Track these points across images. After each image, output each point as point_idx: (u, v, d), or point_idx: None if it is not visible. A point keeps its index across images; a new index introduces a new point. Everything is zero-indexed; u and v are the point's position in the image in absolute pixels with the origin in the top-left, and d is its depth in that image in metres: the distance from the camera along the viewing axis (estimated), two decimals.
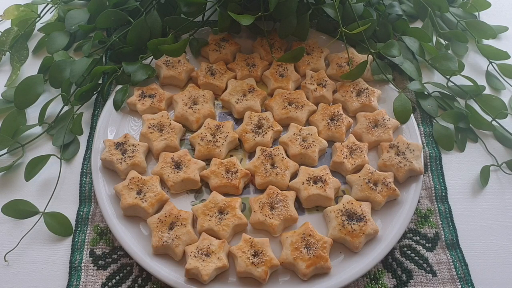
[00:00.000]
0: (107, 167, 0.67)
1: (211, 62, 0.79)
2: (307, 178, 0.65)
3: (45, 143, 0.73)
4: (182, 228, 0.61)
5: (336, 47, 0.80)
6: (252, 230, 0.63)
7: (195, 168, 0.66)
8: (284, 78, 0.76)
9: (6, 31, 0.84)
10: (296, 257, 0.58)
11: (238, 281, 0.59)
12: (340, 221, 0.61)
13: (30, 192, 0.67)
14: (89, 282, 0.60)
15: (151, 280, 0.60)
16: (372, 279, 0.61)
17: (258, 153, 0.68)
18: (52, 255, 0.62)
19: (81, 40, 0.84)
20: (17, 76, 0.80)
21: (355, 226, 0.61)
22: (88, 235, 0.63)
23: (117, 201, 0.64)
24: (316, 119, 0.72)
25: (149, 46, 0.74)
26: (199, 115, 0.71)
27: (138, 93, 0.73)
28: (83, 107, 0.75)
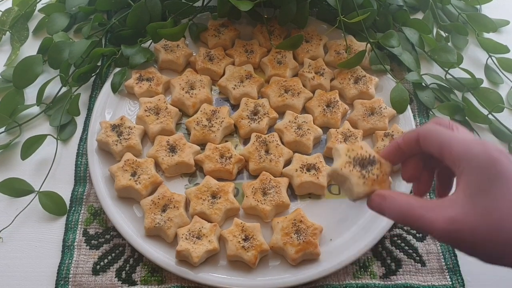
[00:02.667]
0: (102, 149, 0.68)
1: (210, 48, 0.79)
2: (300, 166, 0.65)
3: (42, 123, 0.73)
4: (175, 211, 0.61)
5: (335, 36, 0.80)
6: (244, 215, 0.64)
7: (190, 152, 0.67)
8: (281, 65, 0.76)
9: (6, 10, 0.84)
10: (286, 242, 0.59)
11: (228, 264, 0.60)
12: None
13: (26, 171, 0.68)
14: (81, 261, 0.60)
15: (143, 261, 0.61)
16: (362, 267, 0.62)
17: (253, 140, 0.68)
18: (46, 234, 0.63)
19: (81, 22, 0.84)
20: (16, 56, 0.80)
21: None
22: (82, 215, 0.64)
23: (112, 182, 0.64)
24: (312, 105, 0.72)
25: (148, 30, 0.74)
26: (196, 100, 0.72)
27: (136, 76, 0.74)
28: (81, 89, 0.76)
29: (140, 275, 0.60)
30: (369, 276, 0.61)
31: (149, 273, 0.60)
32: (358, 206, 0.64)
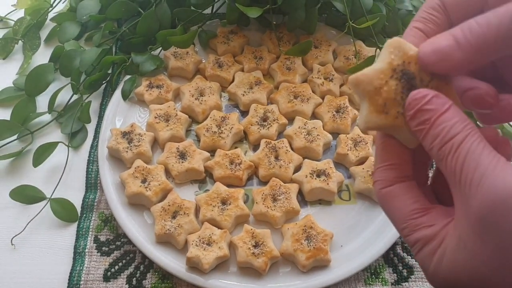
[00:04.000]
0: (113, 156, 0.68)
1: (219, 54, 0.79)
2: (310, 172, 0.65)
3: (54, 131, 0.74)
4: (185, 217, 0.61)
5: (344, 42, 0.80)
6: (254, 221, 0.64)
7: (200, 158, 0.67)
8: (291, 71, 0.76)
9: (19, 20, 0.86)
10: (296, 249, 0.58)
11: (238, 271, 0.59)
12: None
13: (37, 178, 0.68)
14: (92, 267, 0.61)
15: (153, 268, 0.61)
16: (373, 274, 0.61)
17: (263, 146, 0.68)
18: (57, 240, 0.63)
19: (92, 30, 0.85)
20: (28, 64, 0.81)
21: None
22: (93, 222, 0.65)
23: (122, 189, 0.65)
24: (321, 111, 0.72)
25: (158, 37, 0.75)
26: (206, 106, 0.72)
27: (146, 83, 0.74)
28: (92, 96, 0.76)
29: (151, 282, 0.60)
30: (381, 283, 0.60)
31: (159, 279, 0.60)
32: (369, 211, 0.64)
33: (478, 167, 0.28)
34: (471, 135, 0.29)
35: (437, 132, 0.30)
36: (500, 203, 0.27)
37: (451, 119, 0.30)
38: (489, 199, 0.27)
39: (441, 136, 0.29)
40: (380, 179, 0.34)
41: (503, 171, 0.27)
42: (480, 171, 0.28)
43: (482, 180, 0.28)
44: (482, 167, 0.28)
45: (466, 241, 0.29)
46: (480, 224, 0.28)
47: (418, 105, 0.30)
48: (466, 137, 0.29)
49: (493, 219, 0.27)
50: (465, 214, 0.29)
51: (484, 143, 0.29)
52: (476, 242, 0.28)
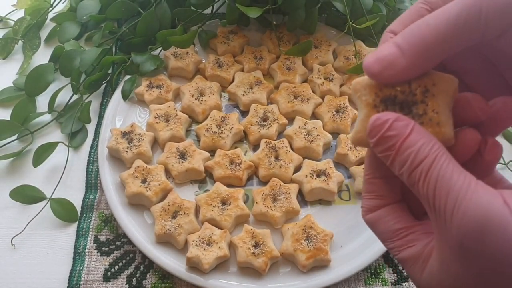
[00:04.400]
0: (113, 156, 0.68)
1: (219, 54, 0.79)
2: (310, 172, 0.65)
3: (54, 131, 0.74)
4: (185, 217, 0.61)
5: (345, 41, 0.80)
6: (254, 221, 0.64)
7: (200, 158, 0.67)
8: (291, 71, 0.76)
9: (19, 20, 0.86)
10: (296, 249, 0.58)
11: (238, 271, 0.59)
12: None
13: (37, 178, 0.68)
14: (92, 267, 0.61)
15: (153, 268, 0.61)
16: (373, 274, 0.61)
17: (263, 146, 0.68)
18: (57, 240, 0.63)
19: (92, 30, 0.85)
20: (28, 64, 0.81)
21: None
22: (93, 222, 0.65)
23: (122, 189, 0.65)
24: (321, 111, 0.72)
25: (158, 37, 0.75)
26: (206, 106, 0.72)
27: (146, 83, 0.74)
28: (92, 96, 0.76)
29: (151, 282, 0.60)
30: (381, 283, 0.60)
31: (159, 279, 0.60)
32: None
33: (450, 192, 0.27)
34: (439, 157, 0.28)
35: (403, 158, 0.29)
36: (476, 229, 0.26)
37: (416, 142, 0.28)
38: (465, 226, 0.27)
39: (408, 162, 0.29)
40: (366, 206, 0.34)
41: (475, 193, 0.27)
42: (452, 197, 0.27)
43: (456, 207, 0.27)
44: (454, 193, 0.27)
45: (449, 265, 0.29)
46: (460, 250, 0.28)
47: (379, 132, 0.29)
48: (434, 160, 0.28)
49: (471, 245, 0.27)
50: (444, 239, 0.29)
51: (453, 164, 0.28)
52: (458, 267, 0.28)
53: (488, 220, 0.26)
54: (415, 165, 0.28)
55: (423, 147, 0.28)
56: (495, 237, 0.26)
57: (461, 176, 0.28)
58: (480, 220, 0.26)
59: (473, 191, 0.27)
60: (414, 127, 0.29)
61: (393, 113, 0.30)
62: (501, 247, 0.26)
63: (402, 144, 0.29)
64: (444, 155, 0.28)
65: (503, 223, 0.26)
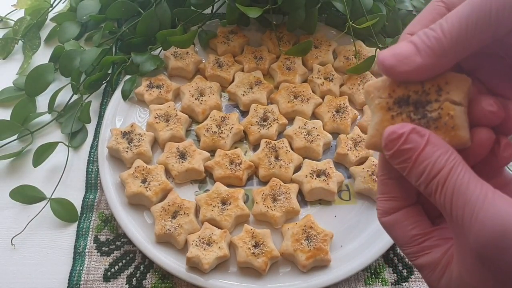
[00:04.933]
0: (113, 156, 0.68)
1: (219, 54, 0.79)
2: (310, 172, 0.65)
3: (54, 131, 0.74)
4: (185, 217, 0.61)
5: (345, 41, 0.80)
6: (254, 221, 0.64)
7: (200, 158, 0.67)
8: (291, 71, 0.76)
9: (19, 20, 0.86)
10: (296, 249, 0.58)
11: (238, 271, 0.59)
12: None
13: (37, 178, 0.68)
14: (92, 267, 0.61)
15: (153, 268, 0.61)
16: (373, 274, 0.61)
17: (263, 146, 0.68)
18: (57, 240, 0.63)
19: (92, 30, 0.85)
20: (28, 64, 0.81)
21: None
22: (93, 222, 0.65)
23: (122, 189, 0.65)
24: (321, 111, 0.72)
25: (158, 37, 0.75)
26: (206, 106, 0.72)
27: (146, 83, 0.74)
28: (92, 96, 0.76)
29: (151, 282, 0.60)
30: (381, 283, 0.60)
31: (159, 279, 0.60)
32: (369, 211, 0.64)
33: (467, 203, 0.28)
34: (455, 168, 0.28)
35: (420, 170, 0.29)
36: (494, 239, 0.27)
37: (432, 154, 0.29)
38: (483, 236, 0.27)
39: (425, 174, 0.29)
40: (381, 208, 0.34)
41: (492, 204, 0.27)
42: (469, 208, 0.27)
43: (473, 217, 0.27)
44: (471, 203, 0.28)
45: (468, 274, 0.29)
46: (479, 259, 0.28)
47: (395, 146, 0.30)
48: (450, 171, 0.28)
49: (489, 256, 0.27)
50: (463, 248, 0.29)
51: (469, 174, 0.28)
52: (477, 275, 0.29)
53: (506, 230, 0.26)
54: (432, 177, 0.29)
55: (439, 159, 0.29)
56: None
57: (478, 186, 0.28)
58: (498, 231, 0.26)
59: (490, 202, 0.27)
60: (429, 138, 0.29)
61: (408, 125, 0.30)
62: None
63: (418, 157, 0.29)
64: (460, 165, 0.29)
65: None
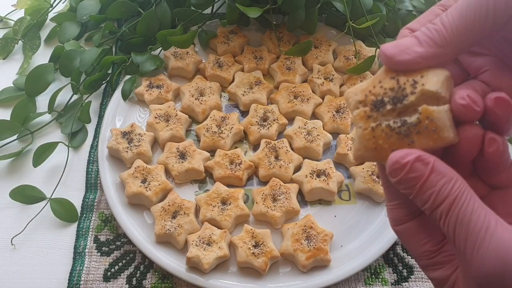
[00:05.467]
0: (113, 156, 0.68)
1: (219, 54, 0.79)
2: (310, 172, 0.65)
3: (54, 131, 0.74)
4: (185, 217, 0.61)
5: (345, 41, 0.80)
6: (254, 221, 0.64)
7: (200, 158, 0.67)
8: (291, 71, 0.76)
9: (19, 20, 0.85)
10: (296, 249, 0.58)
11: (238, 271, 0.59)
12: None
13: (37, 178, 0.68)
14: (92, 267, 0.61)
15: (153, 268, 0.61)
16: (373, 274, 0.61)
17: (263, 146, 0.68)
18: (57, 240, 0.63)
19: (92, 30, 0.85)
20: (28, 64, 0.81)
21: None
22: (93, 222, 0.64)
23: (122, 189, 0.65)
24: (321, 111, 0.72)
25: (158, 37, 0.75)
26: (206, 106, 0.72)
27: (146, 83, 0.74)
28: (92, 96, 0.76)
29: (151, 282, 0.60)
30: (381, 283, 0.60)
31: (159, 279, 0.60)
32: (369, 211, 0.64)
33: (469, 236, 0.28)
34: (459, 198, 0.29)
35: (425, 198, 0.30)
36: (494, 276, 0.27)
37: (436, 183, 0.29)
38: (484, 269, 0.28)
39: (429, 202, 0.29)
40: (391, 217, 0.35)
41: (494, 236, 0.28)
42: (471, 240, 0.28)
43: (475, 250, 0.28)
44: (473, 236, 0.28)
45: None
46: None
47: (399, 175, 0.30)
48: (454, 201, 0.29)
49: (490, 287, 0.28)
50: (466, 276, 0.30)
51: (473, 204, 0.29)
52: None
53: (506, 267, 0.27)
54: (436, 206, 0.29)
55: (443, 188, 0.29)
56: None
57: (481, 216, 0.28)
58: (498, 266, 0.27)
59: (491, 234, 0.28)
60: (433, 166, 0.29)
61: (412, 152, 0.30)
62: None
63: (423, 186, 0.29)
64: (464, 194, 0.29)
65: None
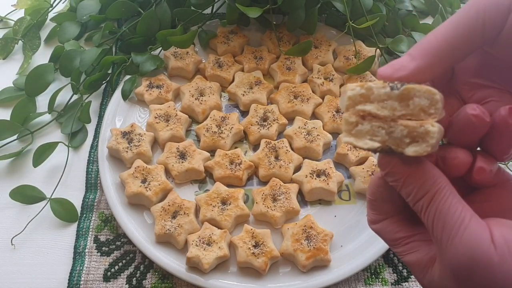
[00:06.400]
0: (113, 156, 0.68)
1: (219, 54, 0.79)
2: (310, 172, 0.65)
3: (54, 131, 0.74)
4: (185, 217, 0.61)
5: (345, 41, 0.80)
6: (254, 221, 0.64)
7: (200, 158, 0.67)
8: (291, 71, 0.76)
9: (19, 20, 0.85)
10: (296, 249, 0.58)
11: (238, 271, 0.59)
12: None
13: (37, 178, 0.68)
14: (92, 267, 0.61)
15: (153, 268, 0.61)
16: (373, 274, 0.61)
17: (263, 146, 0.68)
18: (57, 240, 0.63)
19: (92, 30, 0.85)
20: (28, 64, 0.81)
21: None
22: (93, 222, 0.64)
23: (122, 189, 0.65)
24: (321, 111, 0.72)
25: (158, 37, 0.75)
26: (206, 106, 0.72)
27: (146, 83, 0.74)
28: (92, 96, 0.76)
29: (151, 282, 0.60)
30: (381, 283, 0.60)
31: (159, 279, 0.60)
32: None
33: (445, 227, 0.31)
34: (439, 193, 0.31)
35: (408, 190, 0.33)
36: (465, 265, 0.30)
37: (417, 180, 0.32)
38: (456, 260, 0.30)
39: (412, 194, 0.33)
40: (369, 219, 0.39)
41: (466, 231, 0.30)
42: (446, 232, 0.31)
43: (449, 241, 0.31)
44: (448, 227, 0.31)
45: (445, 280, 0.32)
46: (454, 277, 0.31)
47: (386, 168, 0.34)
48: (434, 195, 0.32)
49: (461, 277, 0.31)
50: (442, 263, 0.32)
51: (452, 199, 0.31)
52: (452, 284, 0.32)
53: (474, 260, 0.29)
54: (418, 198, 0.32)
55: (426, 183, 0.32)
56: (480, 276, 0.30)
57: (457, 211, 0.31)
58: (468, 258, 0.30)
59: (465, 227, 0.30)
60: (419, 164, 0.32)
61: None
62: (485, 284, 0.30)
63: (406, 180, 0.33)
64: (444, 189, 0.32)
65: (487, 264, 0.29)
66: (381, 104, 0.32)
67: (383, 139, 0.32)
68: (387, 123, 0.32)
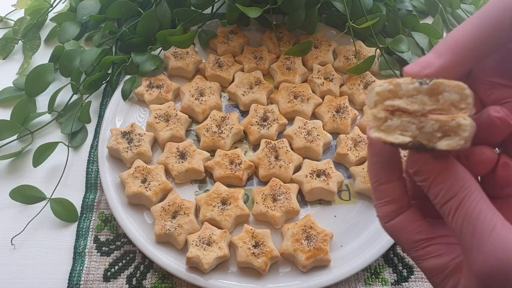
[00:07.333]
0: (113, 156, 0.68)
1: (219, 54, 0.79)
2: (310, 172, 0.65)
3: (54, 131, 0.74)
4: (185, 217, 0.61)
5: (345, 41, 0.80)
6: (254, 221, 0.64)
7: (200, 158, 0.67)
8: (291, 71, 0.76)
9: (19, 20, 0.85)
10: (296, 249, 0.58)
11: (238, 271, 0.59)
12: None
13: (37, 178, 0.68)
14: (92, 267, 0.61)
15: (153, 268, 0.61)
16: (373, 274, 0.61)
17: (263, 146, 0.68)
18: (57, 240, 0.63)
19: (92, 30, 0.85)
20: (28, 64, 0.81)
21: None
22: (93, 222, 0.64)
23: (122, 189, 0.65)
24: (321, 111, 0.72)
25: (158, 37, 0.75)
26: (206, 106, 0.72)
27: (146, 83, 0.74)
28: (92, 96, 0.76)
29: (151, 282, 0.60)
30: (381, 283, 0.60)
31: (159, 279, 0.60)
32: (369, 211, 0.64)
33: (475, 234, 0.29)
34: (467, 197, 0.30)
35: (436, 192, 0.31)
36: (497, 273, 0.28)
37: (446, 180, 0.31)
38: (487, 268, 0.29)
39: (439, 196, 0.31)
40: (381, 214, 0.35)
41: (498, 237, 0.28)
42: (476, 238, 0.29)
43: (480, 248, 0.29)
44: (478, 234, 0.29)
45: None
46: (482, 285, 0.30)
47: (415, 166, 0.32)
48: (462, 200, 0.30)
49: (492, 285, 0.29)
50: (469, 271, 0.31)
51: (482, 203, 0.30)
52: None
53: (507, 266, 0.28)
54: (445, 201, 0.30)
55: (453, 186, 0.30)
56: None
57: (488, 216, 0.29)
58: (499, 265, 0.28)
59: (497, 233, 0.28)
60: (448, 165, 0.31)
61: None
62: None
63: (435, 180, 0.31)
64: (474, 193, 0.30)
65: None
66: (410, 99, 0.31)
67: (413, 134, 0.31)
68: (417, 118, 0.31)
